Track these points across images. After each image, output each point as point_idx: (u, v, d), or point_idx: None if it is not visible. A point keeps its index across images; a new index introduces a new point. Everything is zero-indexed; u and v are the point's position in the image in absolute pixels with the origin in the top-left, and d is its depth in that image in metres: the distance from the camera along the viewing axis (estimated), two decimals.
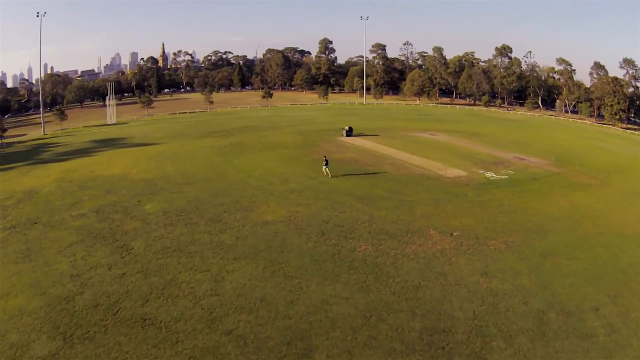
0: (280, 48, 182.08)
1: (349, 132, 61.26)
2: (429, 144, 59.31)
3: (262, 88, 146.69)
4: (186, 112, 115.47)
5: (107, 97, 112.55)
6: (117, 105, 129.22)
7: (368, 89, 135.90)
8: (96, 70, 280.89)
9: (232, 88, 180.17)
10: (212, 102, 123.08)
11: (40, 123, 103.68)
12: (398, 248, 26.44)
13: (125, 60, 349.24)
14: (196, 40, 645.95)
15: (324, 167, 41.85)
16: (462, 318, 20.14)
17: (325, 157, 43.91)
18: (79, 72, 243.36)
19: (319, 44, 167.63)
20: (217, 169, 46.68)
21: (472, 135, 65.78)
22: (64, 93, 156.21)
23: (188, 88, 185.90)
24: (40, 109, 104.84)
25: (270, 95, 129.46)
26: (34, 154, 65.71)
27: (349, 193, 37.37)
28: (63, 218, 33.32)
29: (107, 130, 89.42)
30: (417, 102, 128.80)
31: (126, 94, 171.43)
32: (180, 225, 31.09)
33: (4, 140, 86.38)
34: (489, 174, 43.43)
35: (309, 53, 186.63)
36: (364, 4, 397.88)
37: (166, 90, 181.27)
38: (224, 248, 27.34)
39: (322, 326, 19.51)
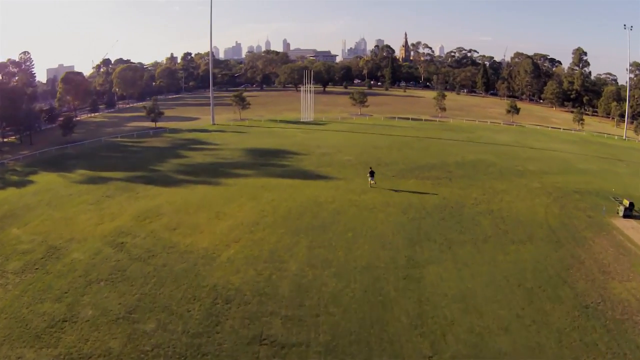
0: (529, 53, 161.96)
1: (629, 211, 38.14)
2: None
3: (508, 96, 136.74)
4: (408, 119, 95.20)
5: (304, 86, 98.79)
6: (335, 93, 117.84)
7: (624, 117, 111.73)
8: (333, 53, 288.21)
9: (475, 91, 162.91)
10: (443, 110, 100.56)
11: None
12: None
13: (371, 47, 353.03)
14: (442, 34, 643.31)
15: (369, 179, 42.63)
16: None
17: (371, 167, 44.71)
18: (314, 52, 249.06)
19: (573, 53, 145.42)
20: (377, 294, 24.59)
21: None
22: (279, 72, 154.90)
23: (428, 84, 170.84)
24: (210, 94, 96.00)
25: (517, 111, 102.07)
26: (155, 160, 56.81)
27: None
28: None
29: (288, 133, 76.44)
30: None
31: (360, 82, 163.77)
32: None
33: (158, 125, 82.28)
34: None
35: (560, 63, 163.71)
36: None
37: (402, 83, 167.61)
38: None
39: None
